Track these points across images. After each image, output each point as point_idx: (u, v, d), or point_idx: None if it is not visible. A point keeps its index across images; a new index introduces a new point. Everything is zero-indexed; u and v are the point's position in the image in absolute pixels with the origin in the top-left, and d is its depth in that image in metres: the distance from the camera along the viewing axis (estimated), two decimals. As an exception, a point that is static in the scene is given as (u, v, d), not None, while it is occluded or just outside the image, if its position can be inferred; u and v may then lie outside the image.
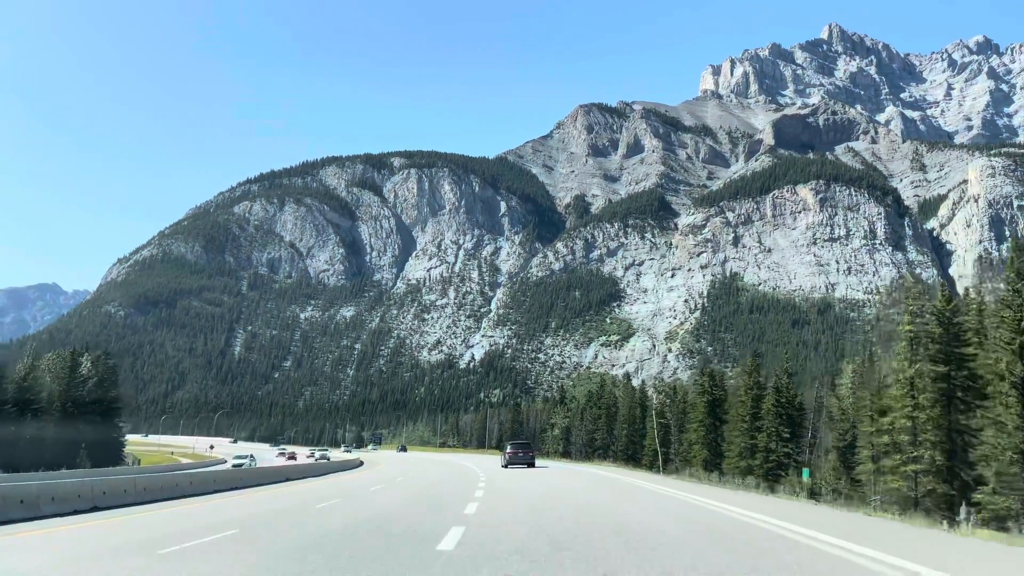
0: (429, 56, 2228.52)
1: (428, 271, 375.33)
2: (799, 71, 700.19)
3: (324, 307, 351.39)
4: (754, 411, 38.29)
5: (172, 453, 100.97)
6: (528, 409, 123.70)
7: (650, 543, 12.53)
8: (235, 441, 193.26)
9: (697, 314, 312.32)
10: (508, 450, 50.80)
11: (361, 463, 70.01)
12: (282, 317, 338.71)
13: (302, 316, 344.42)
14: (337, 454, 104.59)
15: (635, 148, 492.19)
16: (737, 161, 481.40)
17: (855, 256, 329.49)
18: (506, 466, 48.12)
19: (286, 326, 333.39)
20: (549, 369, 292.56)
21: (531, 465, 48.34)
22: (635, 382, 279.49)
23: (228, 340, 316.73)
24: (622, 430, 59.10)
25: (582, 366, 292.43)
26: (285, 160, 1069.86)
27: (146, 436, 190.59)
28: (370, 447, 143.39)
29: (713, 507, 20.51)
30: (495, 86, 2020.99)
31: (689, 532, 14.72)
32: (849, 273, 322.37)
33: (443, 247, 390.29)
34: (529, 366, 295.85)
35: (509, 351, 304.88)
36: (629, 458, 54.96)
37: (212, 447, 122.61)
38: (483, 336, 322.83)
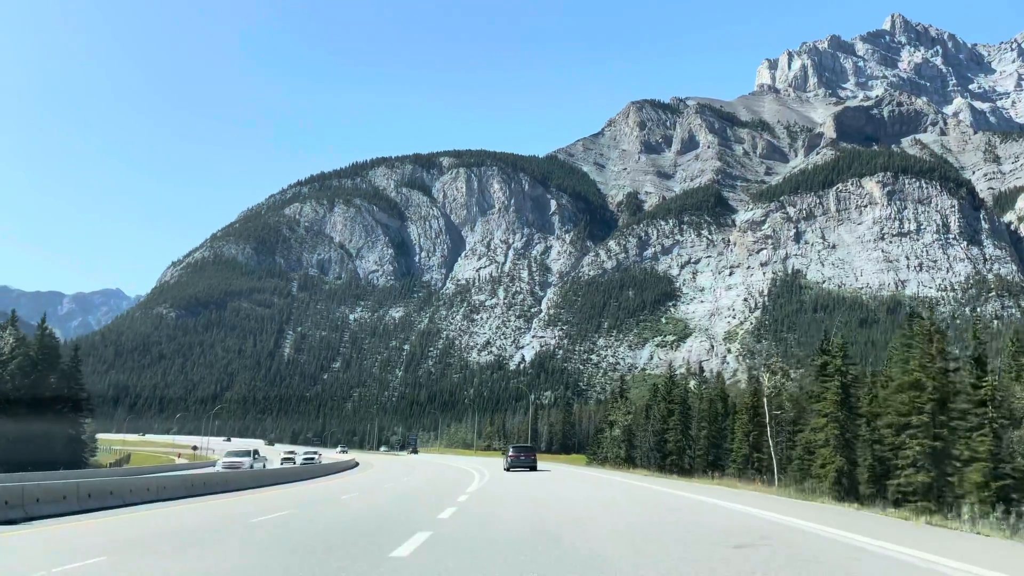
0: (478, 56, 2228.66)
1: (477, 271, 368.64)
2: (860, 63, 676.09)
3: (373, 308, 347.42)
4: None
5: (179, 454, 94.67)
6: (580, 410, 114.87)
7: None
8: (228, 439, 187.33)
9: (757, 313, 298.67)
10: (510, 453, 51.55)
11: (355, 465, 67.13)
12: (331, 318, 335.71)
13: (351, 317, 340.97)
14: (332, 455, 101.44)
15: (689, 144, 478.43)
16: (796, 156, 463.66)
17: (927, 251, 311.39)
18: (508, 469, 48.85)
19: (335, 327, 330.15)
20: (602, 371, 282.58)
21: (533, 468, 48.77)
22: (692, 385, 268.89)
23: (277, 341, 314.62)
24: (700, 430, 49.52)
25: (636, 367, 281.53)
26: (335, 162, 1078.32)
27: (174, 435, 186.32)
28: (406, 450, 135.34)
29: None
30: (545, 85, 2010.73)
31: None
32: (921, 269, 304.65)
33: (492, 246, 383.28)
34: (581, 367, 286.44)
35: (560, 352, 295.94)
36: (711, 465, 45.55)
37: (196, 447, 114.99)
38: (533, 337, 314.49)
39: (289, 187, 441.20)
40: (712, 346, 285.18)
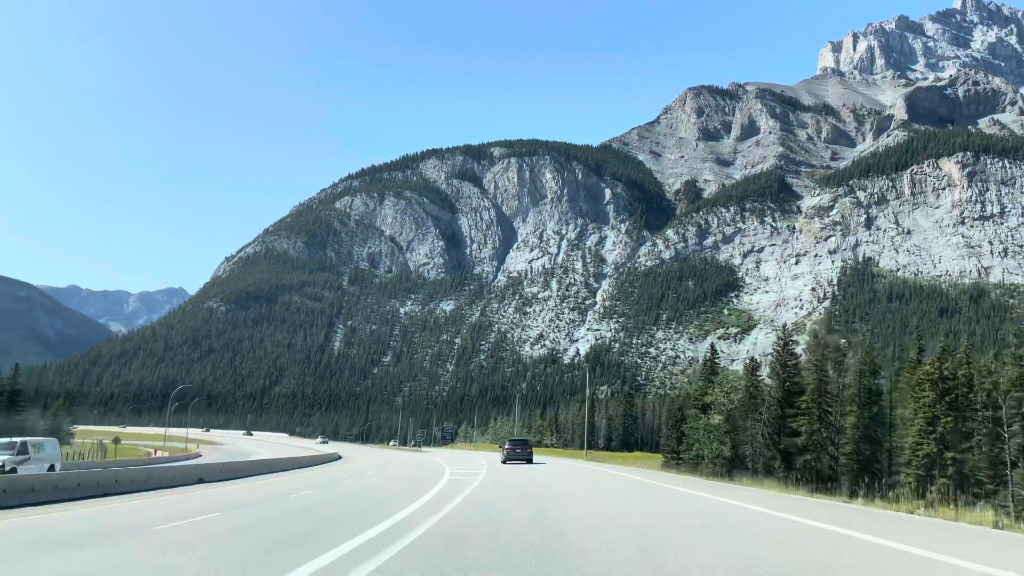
0: (529, 46, 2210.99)
1: (530, 263, 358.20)
2: (930, 43, 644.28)
3: (424, 301, 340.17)
4: None
5: (154, 450, 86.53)
6: (643, 403, 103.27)
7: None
8: (207, 430, 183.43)
9: (827, 303, 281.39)
10: (507, 447, 54.57)
11: (337, 458, 65.28)
12: (382, 312, 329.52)
13: (402, 311, 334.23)
14: (312, 445, 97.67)
15: (750, 130, 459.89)
16: (864, 140, 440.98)
17: (1012, 236, 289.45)
18: (504, 461, 51.34)
19: (386, 321, 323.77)
20: (661, 364, 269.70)
21: (529, 461, 51.78)
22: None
23: (328, 335, 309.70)
24: (846, 415, 37.65)
25: (698, 361, 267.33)
26: (385, 156, 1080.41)
27: (207, 431, 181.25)
28: (437, 444, 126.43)
29: None
30: (598, 74, 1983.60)
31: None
32: (1006, 255, 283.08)
33: (545, 237, 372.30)
34: (639, 361, 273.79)
35: (617, 345, 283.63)
36: (863, 469, 33.95)
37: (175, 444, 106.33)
38: (588, 329, 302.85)
39: (340, 181, 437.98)
40: (779, 338, 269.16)
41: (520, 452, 51.87)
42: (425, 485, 26.07)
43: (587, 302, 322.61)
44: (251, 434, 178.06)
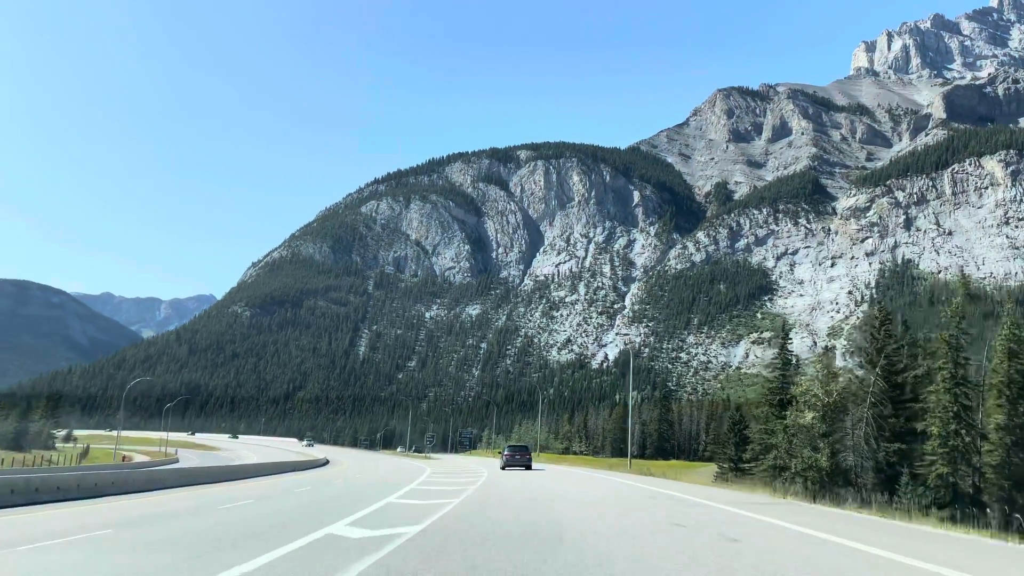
0: (555, 49, 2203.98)
1: (556, 266, 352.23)
2: (967, 42, 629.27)
3: (449, 305, 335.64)
4: None
5: (124, 456, 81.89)
6: (679, 408, 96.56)
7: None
8: (192, 433, 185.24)
9: (864, 307, 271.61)
10: (506, 453, 53.87)
11: (324, 463, 64.57)
12: (407, 316, 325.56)
13: (427, 315, 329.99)
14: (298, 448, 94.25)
15: (781, 131, 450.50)
16: (900, 140, 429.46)
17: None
18: (504, 467, 51.06)
19: (411, 325, 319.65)
20: (693, 370, 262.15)
21: (528, 467, 51.54)
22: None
23: (353, 340, 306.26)
24: (997, 409, 30.73)
25: (731, 366, 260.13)
26: (412, 160, 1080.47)
27: (192, 434, 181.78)
28: (456, 451, 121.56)
29: None
30: (625, 75, 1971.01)
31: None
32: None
33: (572, 241, 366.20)
34: (670, 366, 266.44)
35: (647, 350, 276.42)
36: (1019, 487, 27.35)
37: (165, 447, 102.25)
38: (617, 334, 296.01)
39: (366, 185, 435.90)
40: (815, 342, 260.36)
41: (519, 459, 51.77)
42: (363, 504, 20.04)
43: (616, 306, 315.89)
44: (236, 437, 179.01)
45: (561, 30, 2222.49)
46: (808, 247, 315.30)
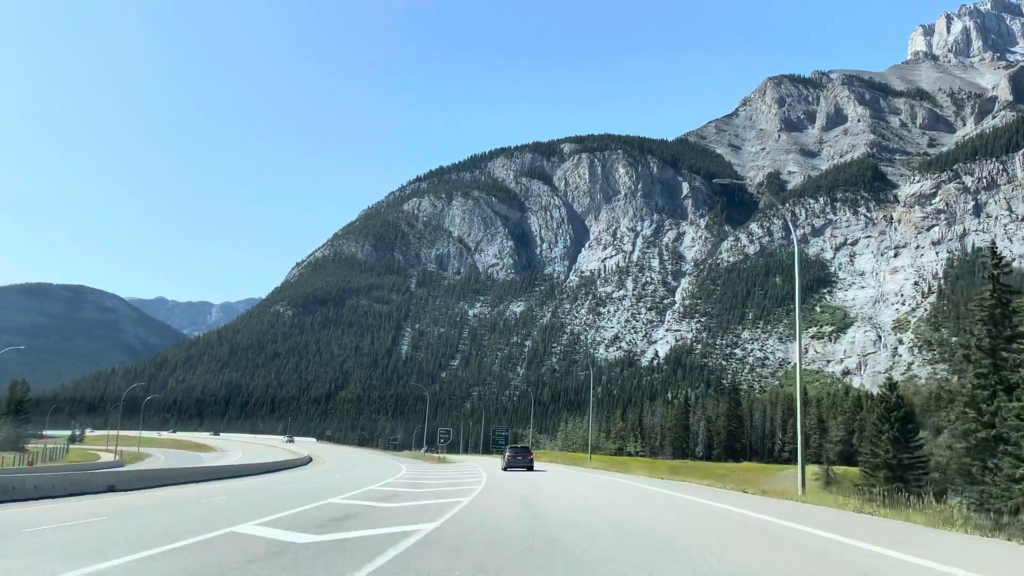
0: (598, 40, 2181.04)
1: (603, 261, 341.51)
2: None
3: (493, 303, 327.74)
4: None
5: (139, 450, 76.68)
6: (750, 402, 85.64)
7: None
8: (174, 431, 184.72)
9: (932, 298, 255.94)
10: (507, 454, 53.46)
11: (306, 462, 62.87)
12: (450, 314, 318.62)
13: (470, 313, 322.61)
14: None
15: (836, 119, 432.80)
16: (964, 125, 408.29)
17: None
18: (505, 469, 50.40)
19: (454, 323, 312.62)
20: (748, 366, 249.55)
21: (529, 468, 50.43)
22: (857, 380, 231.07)
23: (395, 339, 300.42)
24: None
25: (789, 362, 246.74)
26: (453, 156, 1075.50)
27: (217, 435, 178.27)
28: (488, 452, 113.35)
29: None
30: (671, 66, 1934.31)
31: None
32: None
33: (618, 235, 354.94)
34: (724, 363, 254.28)
35: (699, 346, 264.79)
36: None
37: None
38: (667, 330, 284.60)
39: (408, 183, 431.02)
40: (879, 336, 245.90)
41: (521, 460, 51.13)
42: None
43: (665, 301, 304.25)
44: (217, 435, 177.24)
45: (605, 21, 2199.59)
46: (869, 237, 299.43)
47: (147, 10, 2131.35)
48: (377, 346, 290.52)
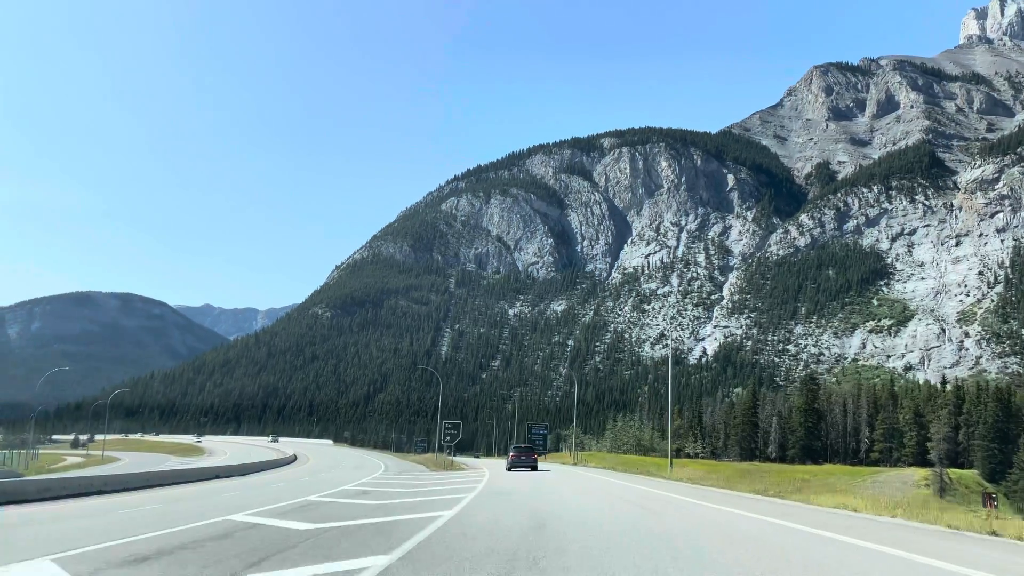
0: (637, 30, 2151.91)
1: (646, 257, 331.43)
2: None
3: (534, 302, 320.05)
4: None
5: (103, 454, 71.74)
6: (829, 395, 75.30)
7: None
8: (156, 434, 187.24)
9: (999, 288, 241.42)
10: (511, 454, 52.87)
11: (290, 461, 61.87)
12: (490, 314, 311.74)
13: (511, 312, 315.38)
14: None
15: (887, 106, 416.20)
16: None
17: None
18: (510, 469, 49.69)
19: (494, 323, 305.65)
20: (802, 363, 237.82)
21: (534, 468, 49.65)
22: (921, 375, 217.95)
23: (435, 340, 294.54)
24: None
25: (846, 358, 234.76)
26: (491, 155, 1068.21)
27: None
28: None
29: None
30: (712, 57, 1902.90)
31: None
32: None
33: (662, 230, 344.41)
34: (776, 360, 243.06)
35: (749, 343, 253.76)
36: None
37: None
38: (716, 327, 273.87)
39: (446, 183, 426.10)
40: (943, 330, 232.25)
41: (525, 459, 50.72)
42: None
43: (713, 297, 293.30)
44: (199, 439, 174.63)
45: (642, 15, 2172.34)
46: (928, 226, 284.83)
47: (194, 32, 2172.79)
48: (416, 347, 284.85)
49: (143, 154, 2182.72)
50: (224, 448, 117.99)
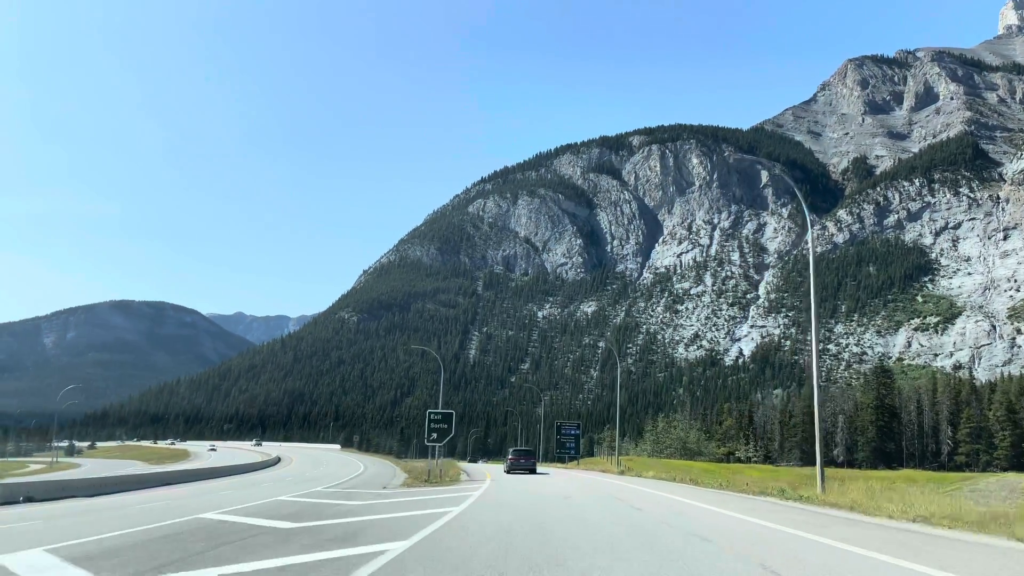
0: (665, 25, 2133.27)
1: (678, 256, 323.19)
2: None
3: (563, 303, 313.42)
4: None
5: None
6: (904, 390, 67.47)
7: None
8: (134, 440, 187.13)
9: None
10: (510, 457, 52.36)
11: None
12: (518, 316, 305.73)
13: (540, 314, 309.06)
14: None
15: (926, 98, 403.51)
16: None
17: None
18: (508, 471, 49.49)
19: (523, 326, 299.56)
20: (844, 362, 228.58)
21: (532, 471, 48.93)
22: (966, 374, 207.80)
23: (463, 343, 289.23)
24: None
25: (890, 357, 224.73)
26: (518, 156, 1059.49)
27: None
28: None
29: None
30: (743, 52, 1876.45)
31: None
32: None
33: (694, 228, 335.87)
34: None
35: (787, 343, 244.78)
36: None
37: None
38: (752, 327, 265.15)
39: (473, 185, 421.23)
40: (994, 327, 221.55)
41: (524, 463, 50.24)
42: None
43: (748, 296, 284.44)
44: (174, 443, 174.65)
45: (671, 9, 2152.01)
46: (973, 219, 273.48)
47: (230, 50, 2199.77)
48: (444, 351, 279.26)
49: (176, 167, 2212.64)
50: (208, 453, 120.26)
